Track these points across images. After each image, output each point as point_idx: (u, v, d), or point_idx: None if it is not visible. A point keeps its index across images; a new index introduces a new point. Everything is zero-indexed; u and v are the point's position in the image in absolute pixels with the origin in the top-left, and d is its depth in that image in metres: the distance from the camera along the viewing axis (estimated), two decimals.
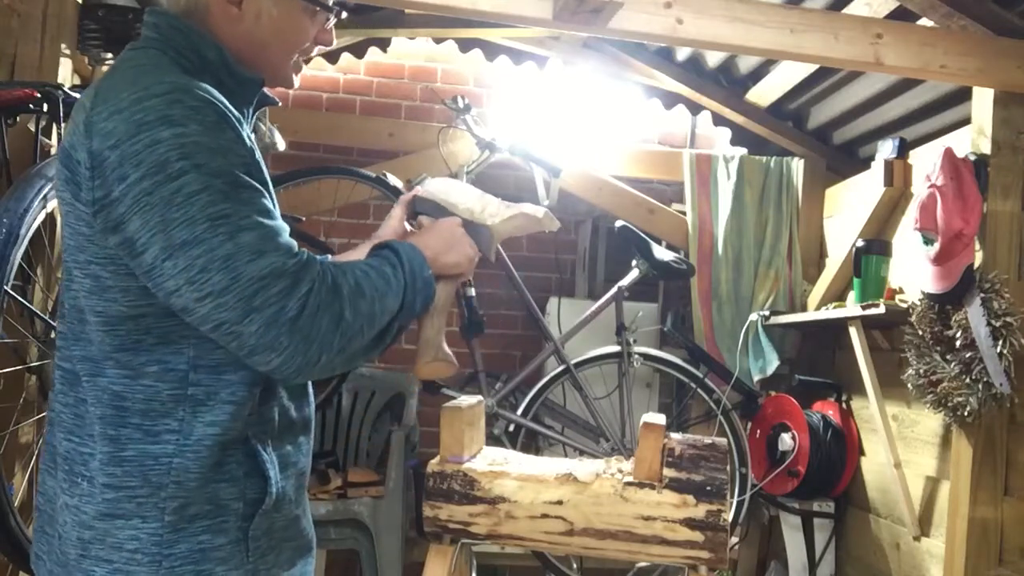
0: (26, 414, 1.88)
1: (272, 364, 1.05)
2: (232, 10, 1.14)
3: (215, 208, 1.01)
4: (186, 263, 1.01)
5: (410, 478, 3.04)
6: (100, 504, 1.08)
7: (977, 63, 2.30)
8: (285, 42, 1.19)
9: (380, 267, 1.16)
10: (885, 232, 2.98)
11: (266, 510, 1.13)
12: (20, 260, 1.66)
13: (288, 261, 1.04)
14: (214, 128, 1.03)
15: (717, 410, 3.14)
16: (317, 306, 1.05)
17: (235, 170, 1.04)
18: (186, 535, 1.08)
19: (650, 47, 3.46)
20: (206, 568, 1.09)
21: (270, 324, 1.03)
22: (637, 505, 1.45)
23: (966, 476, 2.39)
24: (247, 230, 1.02)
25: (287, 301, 1.03)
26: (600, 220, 3.84)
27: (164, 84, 1.03)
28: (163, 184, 1.00)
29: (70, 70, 2.14)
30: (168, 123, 1.00)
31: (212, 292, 1.01)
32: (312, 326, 1.05)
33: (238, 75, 1.15)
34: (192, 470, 1.08)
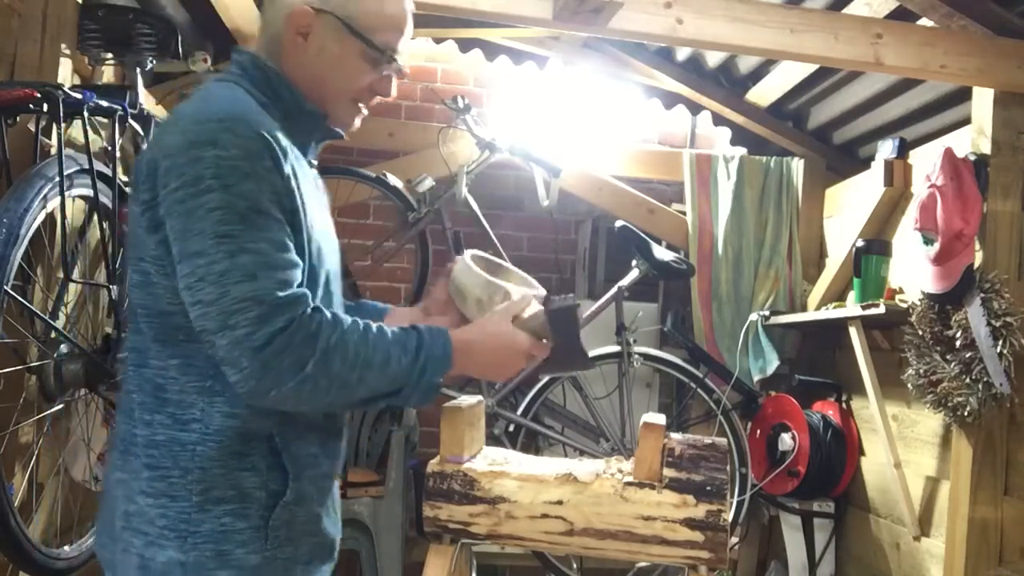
0: (26, 414, 1.88)
1: (232, 379, 1.13)
2: (299, 40, 1.25)
3: (226, 227, 1.10)
4: (190, 270, 1.12)
5: (410, 478, 3.04)
6: (141, 482, 1.19)
7: (977, 63, 2.30)
8: (341, 79, 1.28)
9: (388, 346, 1.19)
10: (885, 232, 2.98)
11: (287, 503, 1.22)
12: (20, 260, 1.66)
13: (275, 293, 1.11)
14: (254, 156, 1.13)
15: (717, 410, 3.14)
16: (285, 345, 1.11)
17: (262, 197, 1.13)
18: (210, 516, 1.18)
19: (650, 47, 3.46)
20: (226, 548, 1.18)
21: (236, 343, 1.10)
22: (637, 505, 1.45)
23: (966, 476, 2.39)
24: (248, 253, 1.11)
25: (257, 329, 1.10)
26: (600, 220, 3.83)
27: (222, 112, 1.16)
28: (193, 197, 1.11)
29: (70, 70, 2.14)
30: (214, 145, 1.12)
31: (201, 301, 1.11)
32: (273, 360, 1.10)
33: (303, 108, 1.27)
34: (215, 458, 1.18)
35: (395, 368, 1.18)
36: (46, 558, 1.80)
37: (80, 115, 1.81)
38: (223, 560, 1.18)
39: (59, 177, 1.73)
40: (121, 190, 2.03)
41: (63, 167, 1.74)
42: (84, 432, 2.14)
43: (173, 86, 2.98)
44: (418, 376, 1.20)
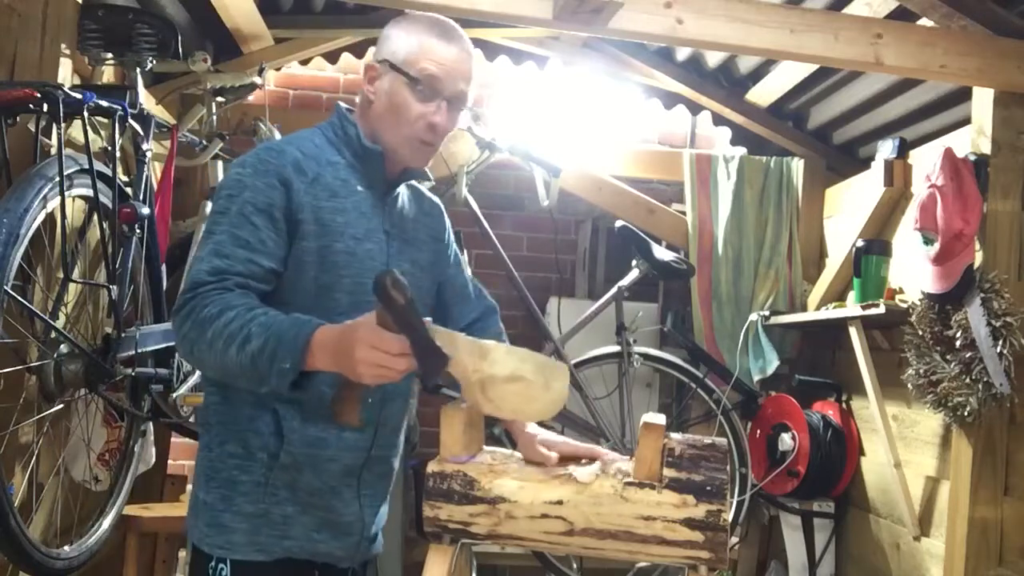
0: (26, 414, 1.88)
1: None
2: (370, 90, 1.48)
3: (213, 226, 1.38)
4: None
5: (410, 478, 3.04)
6: (201, 435, 1.50)
7: (977, 63, 2.30)
8: (393, 112, 1.45)
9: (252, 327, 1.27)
10: (885, 232, 2.98)
11: (284, 465, 1.42)
12: (20, 260, 1.66)
13: (202, 274, 1.33)
14: (260, 173, 1.38)
15: (717, 410, 3.14)
16: (187, 312, 1.31)
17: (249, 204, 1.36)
18: (224, 467, 1.43)
19: (650, 47, 3.46)
20: (231, 495, 1.42)
21: (179, 318, 1.33)
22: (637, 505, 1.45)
23: (966, 476, 2.39)
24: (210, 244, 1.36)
25: (180, 297, 1.33)
26: (600, 220, 3.84)
27: (272, 143, 1.46)
28: (215, 205, 1.40)
29: (70, 70, 2.14)
30: (241, 165, 1.41)
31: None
32: (179, 323, 1.33)
33: (364, 147, 1.48)
34: (231, 417, 1.44)
35: (251, 347, 1.26)
36: (46, 558, 1.81)
37: (80, 115, 1.81)
38: (228, 504, 1.42)
39: (59, 177, 1.73)
40: (121, 190, 2.03)
41: (63, 167, 1.74)
42: (84, 432, 2.14)
43: (173, 86, 2.98)
44: (269, 360, 1.26)
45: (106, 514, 2.17)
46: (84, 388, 1.94)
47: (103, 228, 1.96)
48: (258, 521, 1.43)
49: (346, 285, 1.43)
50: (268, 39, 3.13)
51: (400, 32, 1.47)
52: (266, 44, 3.16)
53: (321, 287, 1.41)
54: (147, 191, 2.15)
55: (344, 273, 1.42)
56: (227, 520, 1.42)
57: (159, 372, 2.18)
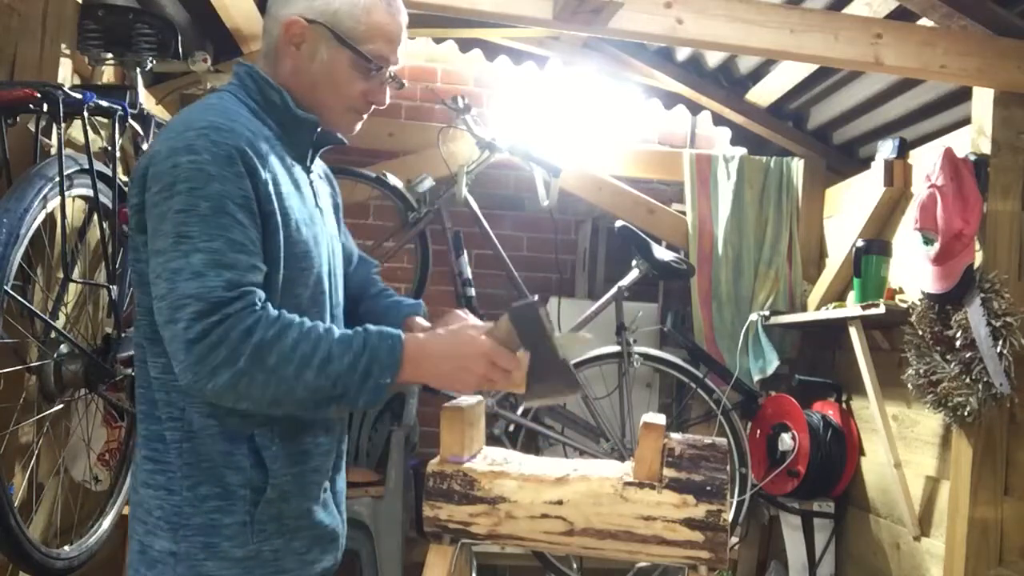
0: (26, 414, 1.88)
1: (177, 371, 1.16)
2: (293, 50, 1.31)
3: (186, 228, 1.15)
4: (153, 267, 1.18)
5: (410, 478, 3.04)
6: (144, 474, 1.27)
7: (977, 63, 2.30)
8: (333, 88, 1.33)
9: (331, 345, 1.19)
10: (885, 232, 2.98)
11: (270, 499, 1.27)
12: (20, 260, 1.66)
13: (218, 291, 1.14)
14: (223, 161, 1.18)
15: (717, 410, 3.14)
16: (219, 339, 1.13)
17: (226, 200, 1.17)
18: (200, 511, 1.24)
19: (650, 47, 3.46)
20: (214, 541, 1.24)
21: (175, 337, 1.14)
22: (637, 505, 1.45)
23: (966, 476, 2.39)
24: (201, 252, 1.15)
25: (194, 324, 1.13)
26: (600, 220, 3.83)
27: (204, 121, 1.21)
28: (165, 200, 1.17)
29: (70, 70, 2.14)
30: (190, 151, 1.17)
31: (157, 296, 1.17)
32: (207, 354, 1.13)
33: (295, 115, 1.32)
34: (201, 455, 1.24)
35: (336, 367, 1.17)
36: (46, 558, 1.80)
37: (80, 115, 1.81)
38: (211, 552, 1.24)
39: (59, 177, 1.73)
40: (121, 190, 2.02)
41: (63, 167, 1.74)
42: (84, 432, 2.14)
43: (173, 86, 2.98)
44: (362, 377, 1.19)
45: (106, 514, 2.17)
46: (84, 388, 1.93)
47: (103, 228, 1.96)
48: (250, 563, 1.27)
49: (305, 278, 1.29)
50: None
51: None
52: None
53: (286, 283, 1.26)
54: None
55: (304, 266, 1.29)
56: (211, 569, 1.24)
57: None
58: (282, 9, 1.32)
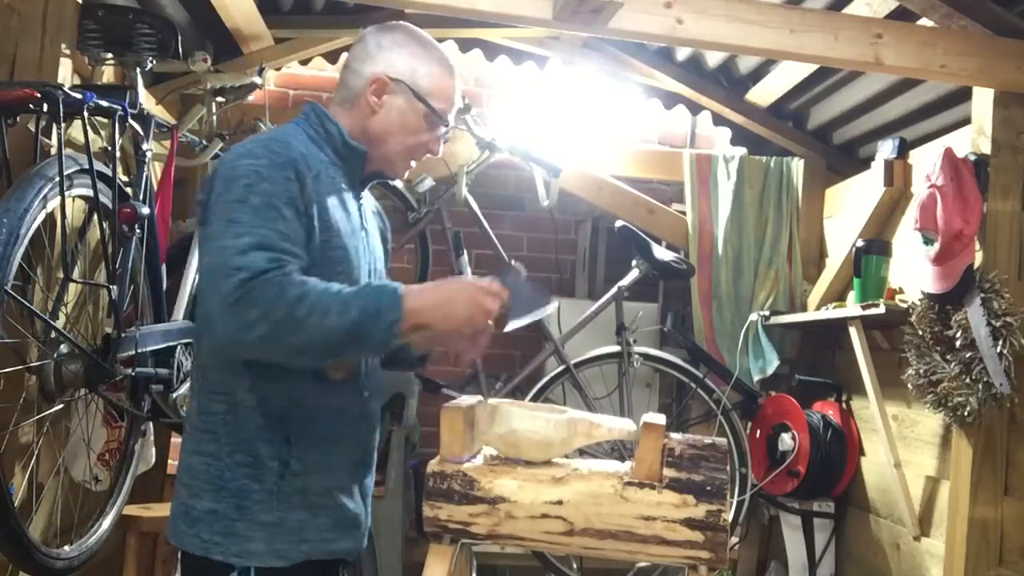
0: (26, 414, 1.88)
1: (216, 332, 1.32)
2: (375, 100, 1.53)
3: (238, 215, 1.34)
4: (205, 247, 1.37)
5: (410, 478, 3.04)
6: (194, 443, 1.47)
7: (977, 63, 2.30)
8: (404, 136, 1.55)
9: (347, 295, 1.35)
10: (885, 232, 2.98)
11: (295, 472, 1.45)
12: (20, 260, 1.66)
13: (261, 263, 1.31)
14: (277, 166, 1.39)
15: (717, 410, 3.14)
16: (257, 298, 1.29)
17: (274, 197, 1.37)
18: (236, 476, 1.43)
19: (650, 47, 3.46)
20: (246, 504, 1.43)
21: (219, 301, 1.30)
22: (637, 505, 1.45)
23: (966, 476, 2.39)
24: (249, 235, 1.33)
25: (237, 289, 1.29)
26: (600, 220, 3.84)
27: (266, 136, 1.48)
28: (223, 194, 1.37)
29: (70, 70, 2.14)
30: (250, 156, 1.40)
31: (204, 270, 1.37)
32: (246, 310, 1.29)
33: (348, 144, 1.53)
34: (241, 427, 1.44)
35: (353, 312, 1.33)
36: (46, 558, 1.81)
37: (80, 115, 1.81)
38: (241, 513, 1.42)
39: (59, 177, 1.73)
40: (121, 190, 2.03)
41: (63, 167, 1.74)
42: (84, 432, 2.14)
43: (173, 86, 2.98)
44: (373, 317, 1.34)
45: (106, 514, 2.17)
46: (84, 388, 1.93)
47: (103, 228, 1.96)
48: (275, 529, 1.44)
49: (341, 281, 1.42)
50: (268, 39, 3.13)
51: (415, 59, 1.54)
52: (266, 44, 3.16)
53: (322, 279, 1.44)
54: (147, 191, 2.15)
55: (339, 269, 1.46)
56: (242, 529, 1.43)
57: (159, 372, 2.18)
58: (366, 65, 1.53)
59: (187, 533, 1.44)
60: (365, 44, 1.55)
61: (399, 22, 1.61)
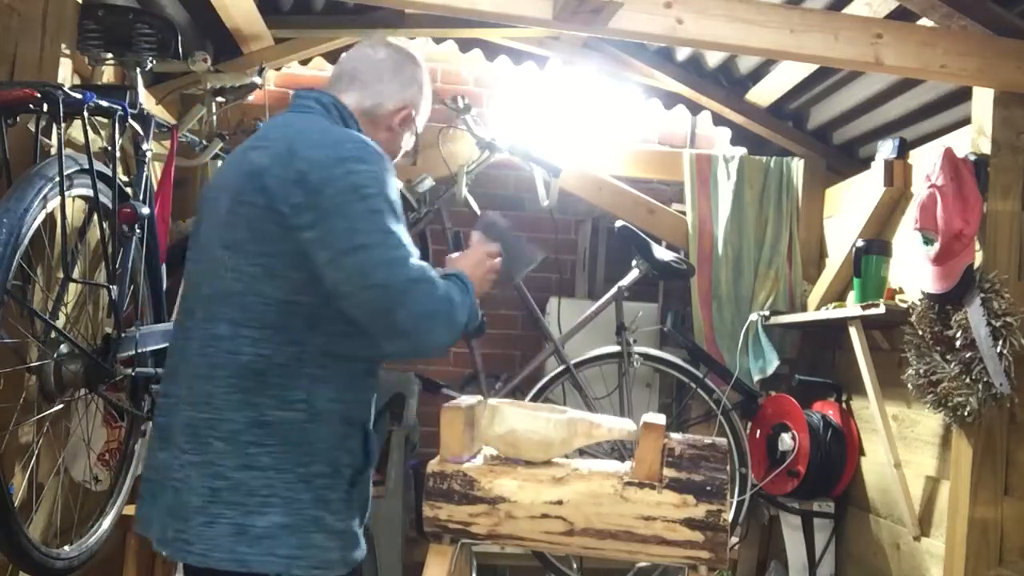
0: (26, 414, 1.88)
1: (403, 347, 1.44)
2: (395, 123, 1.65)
3: (387, 225, 1.41)
4: (363, 259, 1.38)
5: (410, 478, 3.04)
6: (242, 457, 1.38)
7: (977, 63, 2.30)
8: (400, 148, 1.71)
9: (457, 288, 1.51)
10: (885, 232, 2.98)
11: (365, 479, 1.52)
12: (20, 260, 1.66)
13: (427, 273, 1.43)
14: (387, 171, 1.47)
15: (717, 410, 3.14)
16: (436, 310, 1.41)
17: (395, 207, 1.45)
18: (311, 487, 1.41)
19: (650, 47, 3.46)
20: (321, 515, 1.42)
21: (414, 315, 1.39)
22: (637, 505, 1.45)
23: (966, 476, 2.39)
24: (405, 246, 1.42)
25: (432, 302, 1.41)
26: (600, 220, 3.84)
27: (346, 136, 1.49)
28: (357, 201, 1.40)
29: (70, 70, 2.14)
30: (362, 161, 1.43)
31: (377, 284, 1.38)
32: (435, 321, 1.41)
33: None
34: (320, 436, 1.43)
35: (465, 303, 1.50)
36: (46, 558, 1.80)
37: (80, 115, 1.80)
38: (318, 524, 1.41)
39: (59, 177, 1.73)
40: (121, 190, 2.02)
41: (63, 167, 1.74)
42: (84, 432, 2.14)
43: (173, 86, 2.98)
44: (471, 304, 1.52)
45: (106, 514, 2.16)
46: (84, 388, 1.93)
47: (103, 228, 1.96)
48: (345, 537, 1.47)
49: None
50: (268, 39, 3.13)
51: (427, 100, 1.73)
52: (266, 44, 3.16)
53: None
54: (147, 191, 2.15)
55: None
56: (320, 540, 1.42)
57: (159, 372, 2.18)
58: (406, 92, 1.65)
59: (253, 553, 1.37)
60: (403, 68, 1.66)
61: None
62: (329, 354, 1.44)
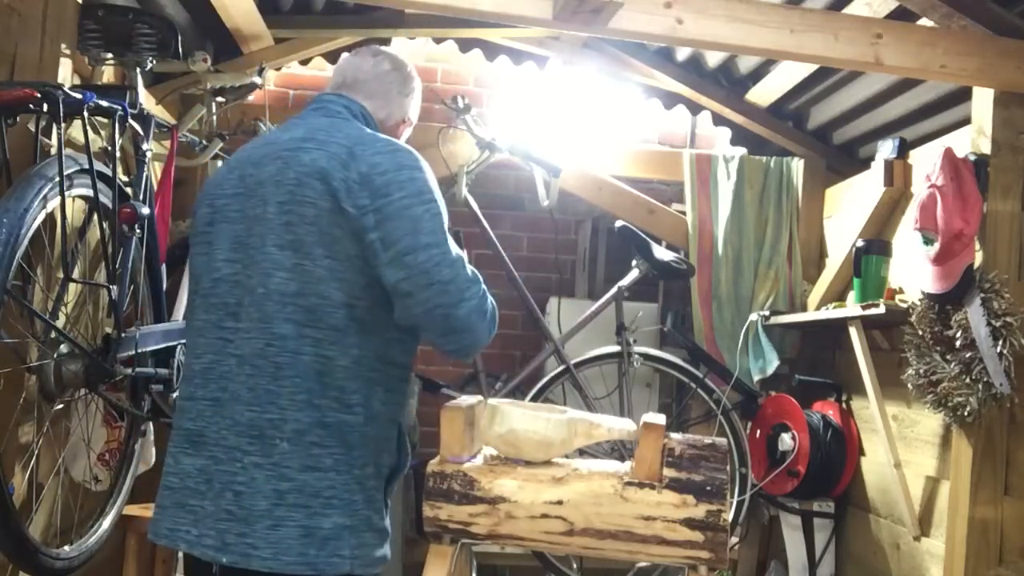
0: (26, 414, 1.88)
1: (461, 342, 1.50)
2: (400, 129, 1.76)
3: (443, 226, 1.48)
4: (426, 258, 1.43)
5: (410, 478, 3.04)
6: (305, 458, 1.41)
7: (977, 63, 2.30)
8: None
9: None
10: (885, 232, 2.98)
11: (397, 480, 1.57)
12: (20, 260, 1.66)
13: (478, 275, 1.51)
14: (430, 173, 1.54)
15: (717, 410, 3.14)
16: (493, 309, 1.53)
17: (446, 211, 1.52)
18: (364, 488, 1.46)
19: (650, 47, 3.46)
20: (371, 515, 1.46)
21: (472, 311, 1.46)
22: (637, 505, 1.45)
23: (966, 476, 2.39)
24: (457, 250, 1.49)
25: (484, 301, 1.50)
26: (600, 220, 3.84)
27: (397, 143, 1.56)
28: (420, 204, 1.47)
29: (70, 70, 2.14)
30: (420, 169, 1.52)
31: (440, 281, 1.43)
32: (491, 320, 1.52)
33: None
34: (373, 438, 1.48)
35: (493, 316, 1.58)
36: (46, 558, 1.80)
37: (80, 115, 1.80)
38: (369, 524, 1.46)
39: (59, 177, 1.73)
40: (121, 190, 2.02)
41: (63, 167, 1.74)
42: (84, 432, 2.14)
43: (173, 86, 2.98)
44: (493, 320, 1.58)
45: (106, 514, 2.16)
46: (84, 388, 1.93)
47: (103, 228, 1.96)
48: (384, 535, 1.50)
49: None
50: (268, 39, 3.13)
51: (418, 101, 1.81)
52: (266, 44, 3.16)
53: None
54: (147, 191, 2.15)
55: None
56: (369, 539, 1.46)
57: (159, 372, 2.18)
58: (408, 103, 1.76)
59: (321, 556, 1.39)
60: (408, 82, 1.76)
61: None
62: (382, 358, 1.49)
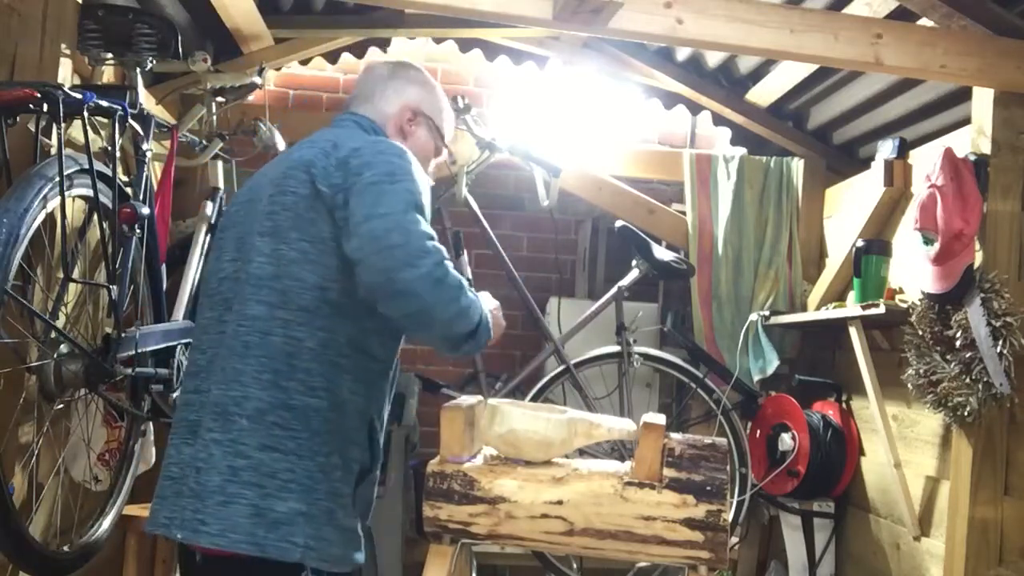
0: (26, 414, 1.88)
1: (405, 308, 1.41)
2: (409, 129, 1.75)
3: (413, 203, 1.46)
4: (379, 224, 1.41)
5: (410, 478, 3.04)
6: (266, 438, 1.39)
7: (977, 63, 2.30)
8: (423, 152, 1.76)
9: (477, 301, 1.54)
10: (885, 232, 2.98)
11: (371, 480, 1.54)
12: (20, 260, 1.66)
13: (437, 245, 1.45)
14: (420, 172, 1.55)
15: (717, 410, 3.14)
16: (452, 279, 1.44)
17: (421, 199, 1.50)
18: (328, 479, 1.42)
19: (650, 47, 3.46)
20: (334, 508, 1.43)
21: (420, 278, 1.39)
22: (637, 505, 1.45)
23: (966, 476, 2.39)
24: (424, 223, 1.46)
25: (437, 268, 1.41)
26: (600, 220, 3.83)
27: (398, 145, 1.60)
28: (387, 183, 1.46)
29: (70, 70, 2.14)
30: (399, 157, 1.53)
31: (388, 246, 1.40)
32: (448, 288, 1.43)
33: None
34: (340, 426, 1.45)
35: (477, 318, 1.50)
36: (46, 558, 1.80)
37: (80, 115, 1.80)
38: (329, 517, 1.42)
39: (59, 177, 1.73)
40: (121, 190, 2.02)
41: (63, 167, 1.74)
42: (84, 432, 2.14)
43: (173, 86, 2.98)
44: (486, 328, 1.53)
45: (106, 514, 2.16)
46: (84, 388, 1.93)
47: (103, 228, 1.96)
48: (349, 536, 1.47)
49: None
50: (268, 39, 3.13)
51: (437, 99, 1.80)
52: (266, 44, 3.16)
53: None
54: (147, 191, 2.15)
55: None
56: (328, 533, 1.42)
57: (159, 372, 2.18)
58: (403, 95, 1.74)
59: (271, 539, 1.36)
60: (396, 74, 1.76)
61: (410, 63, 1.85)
62: (354, 345, 1.47)
